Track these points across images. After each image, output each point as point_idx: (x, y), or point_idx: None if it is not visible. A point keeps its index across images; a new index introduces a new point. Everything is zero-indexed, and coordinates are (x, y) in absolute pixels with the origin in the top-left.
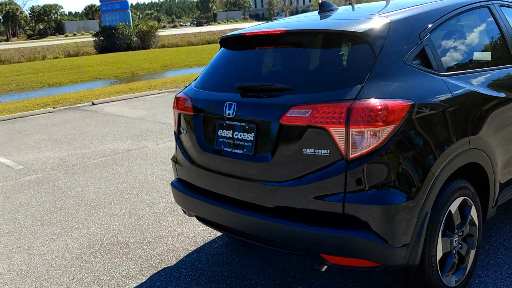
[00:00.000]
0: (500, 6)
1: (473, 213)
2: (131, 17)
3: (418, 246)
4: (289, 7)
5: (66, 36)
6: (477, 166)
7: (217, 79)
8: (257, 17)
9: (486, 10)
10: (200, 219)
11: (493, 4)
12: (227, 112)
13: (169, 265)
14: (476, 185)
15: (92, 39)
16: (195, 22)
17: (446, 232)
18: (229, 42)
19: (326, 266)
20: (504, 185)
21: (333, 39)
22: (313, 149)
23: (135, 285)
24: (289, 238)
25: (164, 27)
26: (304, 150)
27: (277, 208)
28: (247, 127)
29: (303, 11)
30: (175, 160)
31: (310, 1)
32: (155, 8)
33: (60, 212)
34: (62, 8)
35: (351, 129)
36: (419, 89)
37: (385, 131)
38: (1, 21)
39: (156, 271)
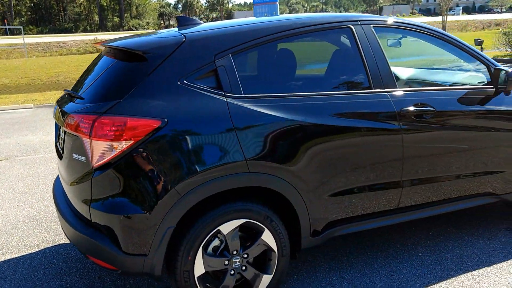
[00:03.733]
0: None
1: (268, 238)
2: (278, 10)
3: (158, 259)
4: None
5: None
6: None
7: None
8: (427, 12)
9: (317, 35)
10: None
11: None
12: (54, 112)
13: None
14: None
15: None
16: None
17: (224, 252)
18: None
19: None
20: (343, 220)
21: (122, 56)
22: (77, 155)
23: (36, 250)
24: (71, 236)
25: None
26: (73, 155)
27: (71, 207)
28: (61, 128)
29: (481, 7)
30: None
31: None
32: (321, 1)
33: None
34: None
35: (92, 140)
36: (183, 109)
37: (122, 145)
38: (180, 9)
39: (58, 244)
